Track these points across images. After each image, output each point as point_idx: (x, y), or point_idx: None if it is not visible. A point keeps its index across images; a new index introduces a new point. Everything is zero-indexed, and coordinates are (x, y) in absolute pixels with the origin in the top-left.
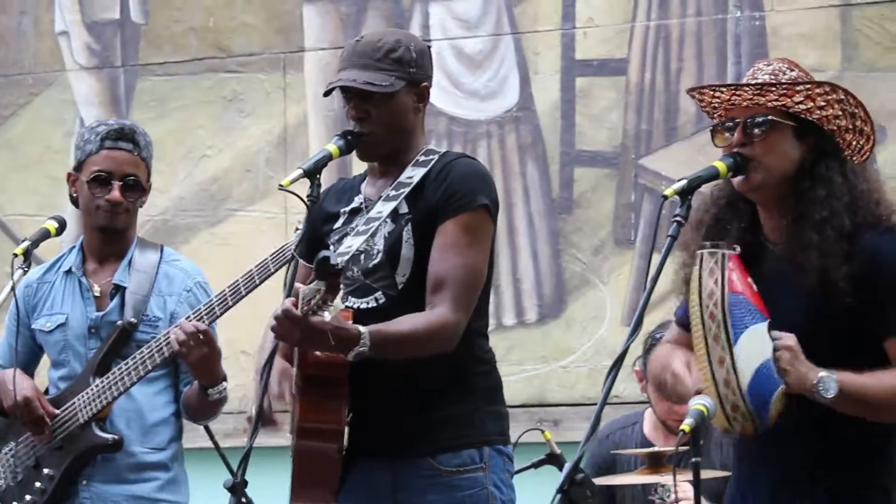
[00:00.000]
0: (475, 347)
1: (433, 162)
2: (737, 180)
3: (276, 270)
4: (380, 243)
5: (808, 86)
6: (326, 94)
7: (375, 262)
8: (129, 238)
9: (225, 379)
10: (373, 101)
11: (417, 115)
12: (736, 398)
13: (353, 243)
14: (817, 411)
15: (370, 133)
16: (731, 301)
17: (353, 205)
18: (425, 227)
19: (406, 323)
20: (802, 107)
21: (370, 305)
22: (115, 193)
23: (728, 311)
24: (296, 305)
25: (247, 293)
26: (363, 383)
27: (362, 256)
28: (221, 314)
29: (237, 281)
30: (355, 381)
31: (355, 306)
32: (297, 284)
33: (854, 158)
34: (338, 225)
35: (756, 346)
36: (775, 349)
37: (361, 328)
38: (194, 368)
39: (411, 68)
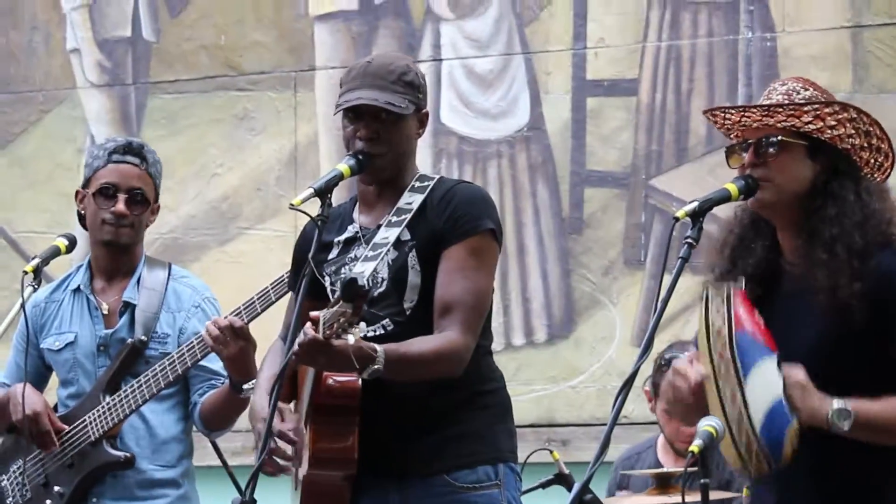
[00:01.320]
0: (483, 366)
1: (430, 188)
2: (750, 200)
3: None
4: (384, 271)
5: (817, 106)
6: (346, 109)
7: (381, 290)
8: (136, 255)
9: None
10: (385, 123)
11: (415, 142)
12: (750, 439)
13: (364, 269)
14: (825, 444)
15: (381, 154)
16: (739, 339)
17: (348, 234)
18: (430, 252)
19: (417, 345)
20: (812, 126)
21: (377, 333)
22: (120, 206)
23: (737, 349)
24: (315, 330)
25: (262, 310)
26: (374, 406)
27: None
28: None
29: (252, 299)
30: (366, 404)
31: (361, 335)
32: (312, 314)
33: (876, 176)
34: (332, 255)
35: (766, 383)
36: (786, 386)
37: (377, 346)
38: (231, 363)
39: (419, 94)
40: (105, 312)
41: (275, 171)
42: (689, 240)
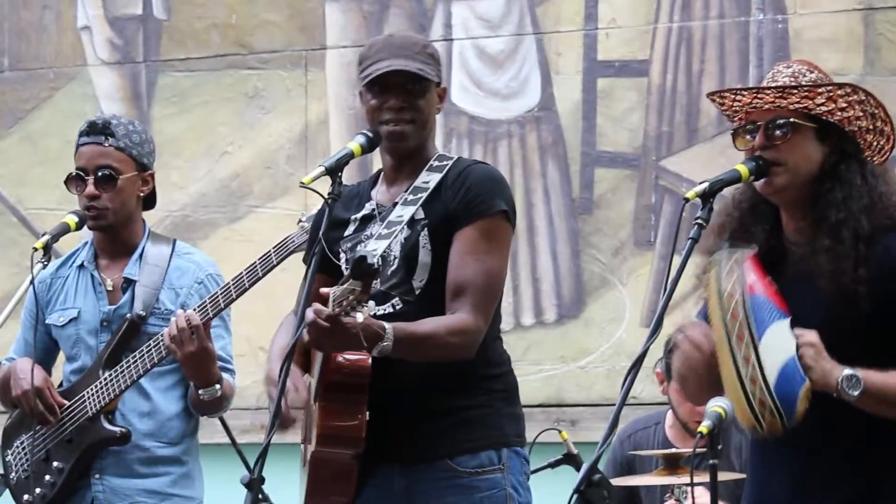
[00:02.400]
0: (490, 350)
1: (448, 167)
2: (760, 183)
3: (279, 262)
4: (396, 249)
5: (830, 87)
6: (371, 82)
7: (392, 268)
8: (134, 232)
9: (219, 382)
10: (413, 92)
11: (435, 117)
12: (763, 395)
13: (377, 247)
14: (835, 417)
15: (412, 121)
16: (752, 300)
17: (365, 211)
18: (442, 232)
19: (428, 324)
20: (824, 108)
21: (387, 311)
22: (90, 188)
23: (750, 310)
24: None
25: (251, 285)
26: (380, 388)
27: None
28: (226, 306)
29: (241, 274)
30: (373, 387)
31: (371, 313)
32: (322, 290)
33: (875, 159)
34: (349, 232)
35: (780, 343)
36: (798, 346)
37: (386, 324)
38: (184, 366)
39: (439, 66)
40: (109, 289)
41: (285, 150)
42: (699, 220)
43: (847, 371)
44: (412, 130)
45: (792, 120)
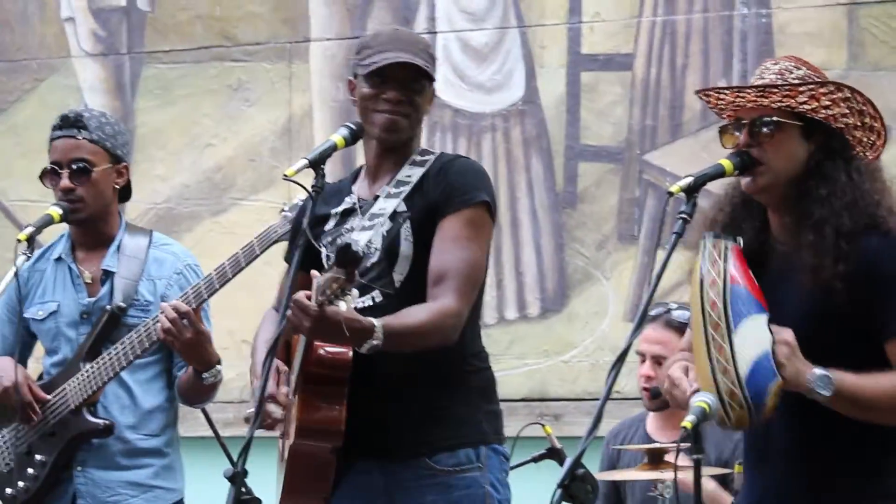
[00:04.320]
0: (470, 345)
1: (430, 162)
2: (744, 182)
3: (262, 252)
4: (377, 241)
5: (812, 86)
6: (374, 72)
7: (373, 260)
8: (110, 224)
9: (219, 362)
10: (414, 88)
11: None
12: (734, 386)
13: (360, 238)
14: (819, 421)
15: (407, 115)
16: (733, 291)
17: (345, 205)
18: (424, 224)
19: (413, 315)
20: (807, 107)
21: (366, 304)
22: (64, 182)
23: (729, 300)
24: (310, 298)
25: (233, 275)
26: (359, 383)
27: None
28: (209, 297)
29: (223, 265)
30: (351, 380)
31: (354, 305)
32: (313, 272)
33: (868, 154)
34: (329, 227)
35: (755, 336)
36: (773, 342)
37: (374, 321)
38: (183, 353)
39: (434, 65)
40: (88, 281)
41: (269, 142)
42: (683, 215)
43: (819, 371)
44: (406, 124)
45: (775, 119)
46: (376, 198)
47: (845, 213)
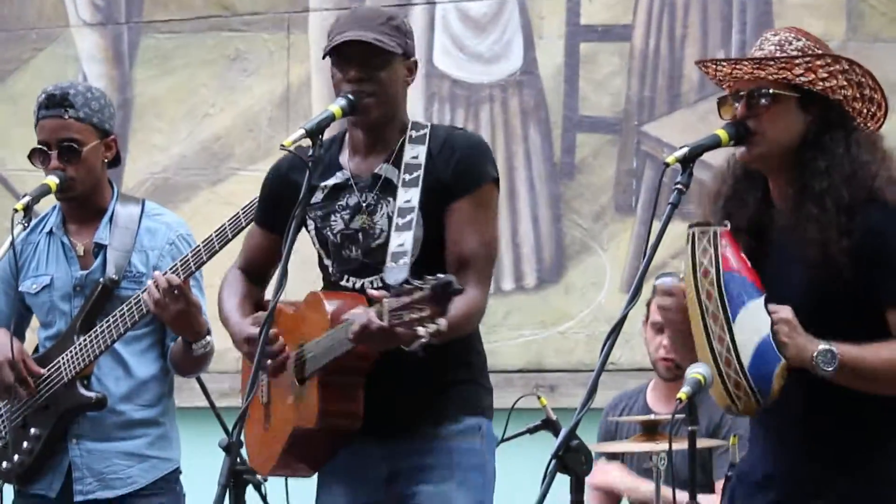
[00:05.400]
0: None
1: (428, 137)
2: (740, 151)
3: (248, 225)
4: (382, 222)
5: (808, 58)
6: (329, 53)
7: (380, 241)
8: (102, 196)
9: (209, 332)
10: (373, 64)
11: (405, 90)
12: (738, 376)
13: (403, 240)
14: (824, 403)
15: (370, 94)
16: (727, 278)
17: (336, 180)
18: (433, 204)
19: (456, 313)
20: (804, 79)
21: (376, 286)
22: (54, 162)
23: (724, 288)
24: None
25: (220, 247)
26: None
27: (360, 235)
28: (197, 269)
29: (210, 236)
30: None
31: (356, 286)
32: (380, 293)
33: (868, 125)
34: (317, 199)
35: (754, 322)
36: (773, 323)
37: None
38: (173, 325)
39: (407, 39)
40: (80, 254)
41: (267, 113)
42: (678, 186)
43: (822, 346)
44: (373, 102)
45: (771, 90)
46: (377, 177)
47: (844, 187)
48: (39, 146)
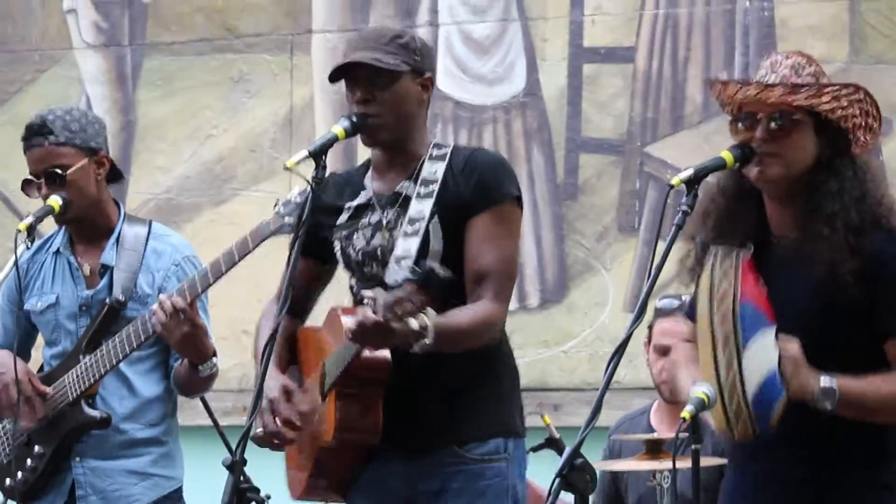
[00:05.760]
0: (500, 337)
1: (449, 155)
2: (753, 172)
3: (255, 248)
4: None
5: (837, 87)
6: (332, 79)
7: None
8: (106, 216)
9: (215, 354)
10: (378, 84)
11: (422, 108)
12: (740, 405)
13: (409, 245)
14: (811, 413)
15: (375, 115)
16: (743, 308)
17: (360, 200)
18: (453, 219)
19: (462, 316)
20: (827, 107)
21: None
22: (44, 191)
23: (739, 317)
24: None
25: (227, 270)
26: (391, 377)
27: (380, 252)
28: (203, 291)
29: (217, 259)
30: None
31: (429, 321)
32: (375, 292)
33: (856, 150)
34: (342, 220)
35: (764, 354)
36: (780, 357)
37: (427, 320)
38: (179, 348)
39: (416, 56)
40: (86, 274)
41: (270, 134)
42: (683, 207)
43: (824, 383)
44: (379, 122)
45: (796, 116)
46: (397, 195)
47: (853, 209)
48: (30, 176)
